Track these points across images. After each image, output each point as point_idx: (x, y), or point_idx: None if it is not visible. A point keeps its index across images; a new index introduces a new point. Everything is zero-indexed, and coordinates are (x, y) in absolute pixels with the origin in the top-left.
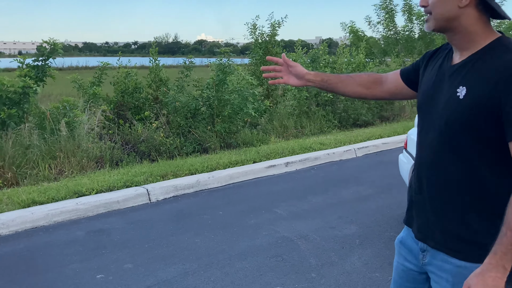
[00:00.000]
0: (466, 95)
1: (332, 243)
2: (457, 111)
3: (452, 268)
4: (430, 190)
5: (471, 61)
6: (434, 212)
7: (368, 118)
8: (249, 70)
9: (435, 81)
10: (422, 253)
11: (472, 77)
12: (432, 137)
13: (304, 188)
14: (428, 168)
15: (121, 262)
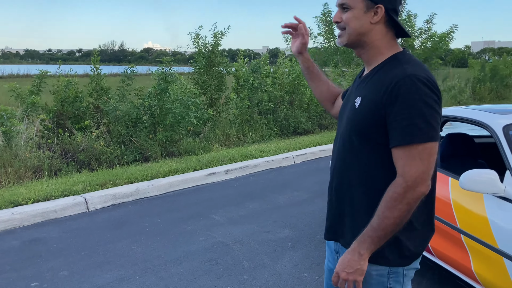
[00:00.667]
0: (360, 104)
1: (265, 246)
2: (353, 119)
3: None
4: (338, 193)
5: (372, 74)
6: (342, 214)
7: (308, 127)
8: (193, 79)
9: (349, 94)
10: (336, 254)
11: (367, 88)
12: (339, 144)
13: (242, 195)
14: (335, 173)
15: (56, 270)
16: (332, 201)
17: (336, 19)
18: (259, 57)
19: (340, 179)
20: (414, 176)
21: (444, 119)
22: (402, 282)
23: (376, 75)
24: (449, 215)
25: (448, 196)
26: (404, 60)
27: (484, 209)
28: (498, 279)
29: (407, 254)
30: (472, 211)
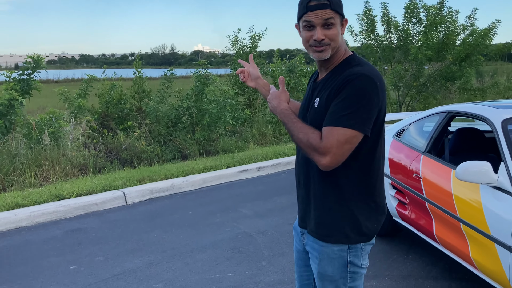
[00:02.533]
0: (318, 104)
1: (286, 237)
2: (314, 118)
3: (318, 248)
4: (304, 185)
5: (327, 76)
6: (308, 203)
7: None
8: (231, 80)
9: (308, 97)
10: (302, 235)
11: (324, 89)
12: None
13: (272, 190)
14: (301, 166)
15: (93, 255)
16: (301, 196)
17: (321, 37)
18: (299, 56)
19: (307, 175)
20: (327, 146)
21: (451, 114)
22: (360, 256)
23: (332, 77)
24: (450, 205)
25: (450, 187)
26: (354, 63)
27: (480, 198)
28: (491, 264)
29: (365, 231)
30: (469, 201)
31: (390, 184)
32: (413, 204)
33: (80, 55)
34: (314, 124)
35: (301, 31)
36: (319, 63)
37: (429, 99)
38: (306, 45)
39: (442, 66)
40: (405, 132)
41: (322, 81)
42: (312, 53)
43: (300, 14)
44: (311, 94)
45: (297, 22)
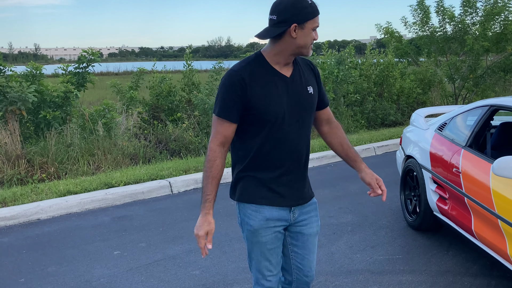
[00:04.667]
0: (313, 90)
1: (325, 229)
2: (312, 102)
3: (315, 206)
4: (304, 162)
5: (298, 69)
6: (301, 179)
7: (397, 118)
8: None
9: (281, 90)
10: (292, 213)
11: (306, 78)
12: (300, 125)
13: (316, 183)
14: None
15: (136, 241)
16: (298, 174)
17: (318, 37)
18: (349, 48)
19: (306, 152)
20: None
21: (493, 108)
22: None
23: (302, 69)
24: (488, 201)
25: (489, 183)
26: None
27: None
28: None
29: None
30: (508, 198)
31: (430, 178)
32: (452, 199)
33: (139, 48)
34: (311, 108)
35: (307, 32)
36: (290, 58)
37: (487, 92)
38: (307, 45)
39: (501, 57)
40: (447, 126)
41: (297, 73)
42: (309, 51)
43: (311, 17)
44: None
45: (297, 23)
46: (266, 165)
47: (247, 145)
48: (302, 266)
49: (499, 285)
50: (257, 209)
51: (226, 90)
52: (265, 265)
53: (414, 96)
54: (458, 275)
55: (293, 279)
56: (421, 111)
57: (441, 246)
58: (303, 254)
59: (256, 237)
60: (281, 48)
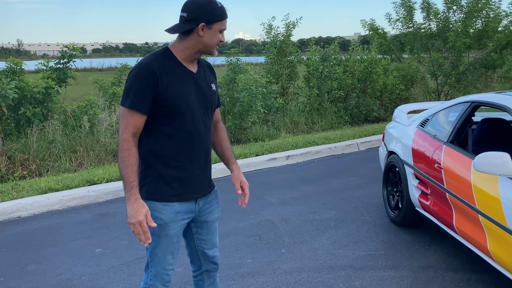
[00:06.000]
0: (215, 88)
1: (308, 225)
2: (214, 99)
3: (215, 193)
4: (205, 156)
5: (201, 67)
6: (207, 171)
7: (380, 114)
8: (265, 68)
9: (189, 85)
10: (197, 205)
11: (208, 76)
12: (204, 121)
13: (299, 179)
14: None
15: (119, 239)
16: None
17: (224, 40)
18: (334, 45)
19: (210, 145)
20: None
21: (474, 104)
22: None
23: (204, 67)
24: (469, 197)
25: (470, 178)
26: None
27: (498, 190)
28: (508, 257)
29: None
30: (488, 193)
31: (412, 174)
32: (434, 195)
33: (124, 44)
34: (213, 104)
35: (213, 33)
36: (196, 56)
37: (469, 88)
38: (213, 45)
39: (483, 54)
40: (429, 122)
41: (201, 71)
42: (214, 51)
43: (220, 19)
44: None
45: (206, 23)
46: (175, 159)
47: (156, 139)
48: (207, 250)
49: (479, 279)
50: (167, 204)
51: (137, 82)
52: (169, 260)
53: (397, 93)
54: (439, 270)
55: (201, 264)
56: (403, 107)
57: (423, 241)
58: (208, 239)
59: (165, 231)
60: (189, 44)
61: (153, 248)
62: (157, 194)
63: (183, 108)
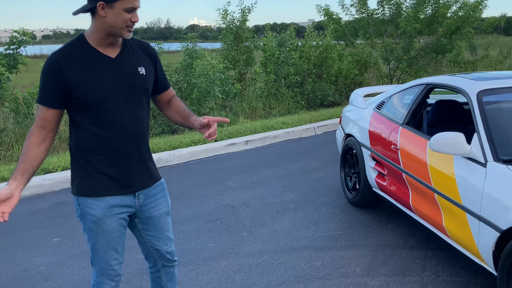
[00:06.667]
0: (146, 71)
1: (269, 208)
2: (144, 83)
3: (163, 186)
4: (138, 150)
5: (125, 50)
6: (142, 163)
7: (335, 99)
8: (222, 54)
9: (104, 71)
10: (137, 199)
11: (137, 59)
12: (130, 107)
13: (258, 163)
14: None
15: (77, 228)
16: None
17: (137, 20)
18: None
19: (144, 134)
20: None
21: (429, 86)
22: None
23: (133, 49)
24: (425, 176)
25: (425, 158)
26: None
27: (453, 169)
28: (462, 233)
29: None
30: (443, 172)
31: (369, 155)
32: (391, 175)
33: (75, 30)
34: (143, 89)
35: (117, 12)
36: (110, 39)
37: (420, 73)
38: (120, 26)
39: (433, 39)
40: (385, 105)
41: (125, 54)
42: (125, 33)
43: None
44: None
45: (105, 2)
46: (101, 151)
47: (80, 131)
48: (158, 247)
49: (434, 256)
50: (98, 198)
51: (42, 76)
52: (112, 254)
53: (351, 77)
54: (396, 248)
55: (156, 260)
56: (359, 91)
57: (380, 221)
58: (157, 235)
59: (101, 227)
60: (96, 27)
61: (93, 245)
62: (86, 189)
63: (96, 96)
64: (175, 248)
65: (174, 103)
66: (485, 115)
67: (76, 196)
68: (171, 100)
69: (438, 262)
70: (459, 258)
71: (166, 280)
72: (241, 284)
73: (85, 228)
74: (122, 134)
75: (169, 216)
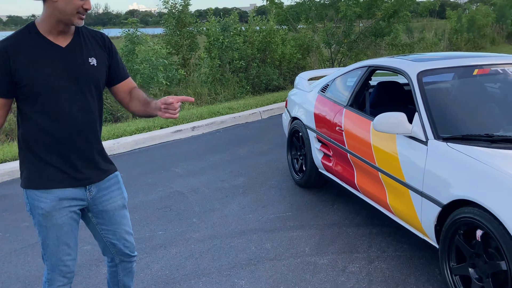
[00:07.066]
0: (97, 62)
1: (218, 193)
2: (94, 74)
3: (118, 178)
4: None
5: (77, 39)
6: (92, 155)
7: (279, 83)
8: (165, 40)
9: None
10: (88, 192)
11: (89, 49)
12: (78, 98)
13: (206, 149)
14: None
15: (19, 221)
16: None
17: (90, 7)
18: (233, 14)
19: (93, 127)
20: None
21: (371, 68)
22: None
23: (85, 39)
24: (369, 156)
25: (369, 138)
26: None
27: (396, 148)
28: (405, 209)
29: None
30: (386, 151)
31: (315, 137)
32: (336, 156)
33: (7, 17)
34: (93, 80)
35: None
36: (60, 27)
37: (360, 56)
38: (70, 12)
39: (372, 22)
40: (329, 88)
41: (76, 44)
42: (76, 20)
43: None
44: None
45: None
46: (48, 143)
47: (27, 122)
48: (116, 241)
49: (379, 232)
50: (47, 191)
51: None
52: (63, 250)
53: (294, 62)
54: (343, 226)
55: (114, 255)
56: (304, 74)
57: (326, 201)
58: (113, 229)
59: (51, 221)
60: (46, 14)
61: (43, 240)
62: (34, 181)
63: (44, 86)
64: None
65: (135, 94)
66: (425, 94)
67: (25, 189)
68: (133, 91)
69: (383, 238)
70: (402, 234)
71: (123, 275)
72: (193, 270)
73: (35, 223)
74: (70, 126)
75: (126, 210)
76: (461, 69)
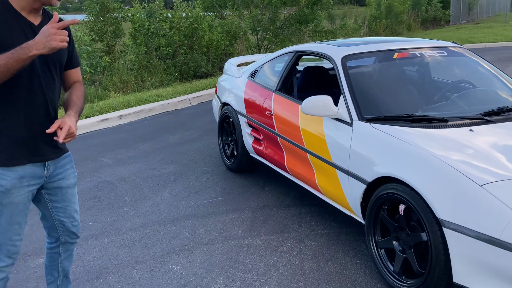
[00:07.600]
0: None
1: (149, 181)
2: (59, 53)
3: (70, 159)
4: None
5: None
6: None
7: (207, 70)
8: (88, 26)
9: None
10: (46, 169)
11: None
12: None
13: (134, 138)
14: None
15: None
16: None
17: None
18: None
19: (54, 105)
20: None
21: (298, 54)
22: None
23: (48, 20)
24: (298, 138)
25: (298, 121)
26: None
27: (323, 130)
28: (333, 188)
29: None
30: (314, 133)
31: (246, 122)
32: (266, 140)
33: None
34: (58, 59)
35: None
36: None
37: (285, 42)
38: None
39: (296, 9)
40: (258, 73)
41: (45, 23)
42: (54, 0)
43: None
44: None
45: None
46: (10, 118)
47: None
48: (65, 218)
49: (308, 211)
50: (9, 168)
51: None
52: (15, 229)
53: (222, 48)
54: (274, 208)
55: (59, 234)
56: (233, 60)
57: (257, 184)
58: (64, 206)
59: (8, 198)
60: None
61: None
62: None
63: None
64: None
65: (71, 90)
66: (349, 78)
67: None
68: (74, 85)
69: (312, 217)
70: (330, 212)
71: (63, 258)
72: (126, 259)
73: None
74: (33, 101)
75: (76, 188)
76: (382, 53)
